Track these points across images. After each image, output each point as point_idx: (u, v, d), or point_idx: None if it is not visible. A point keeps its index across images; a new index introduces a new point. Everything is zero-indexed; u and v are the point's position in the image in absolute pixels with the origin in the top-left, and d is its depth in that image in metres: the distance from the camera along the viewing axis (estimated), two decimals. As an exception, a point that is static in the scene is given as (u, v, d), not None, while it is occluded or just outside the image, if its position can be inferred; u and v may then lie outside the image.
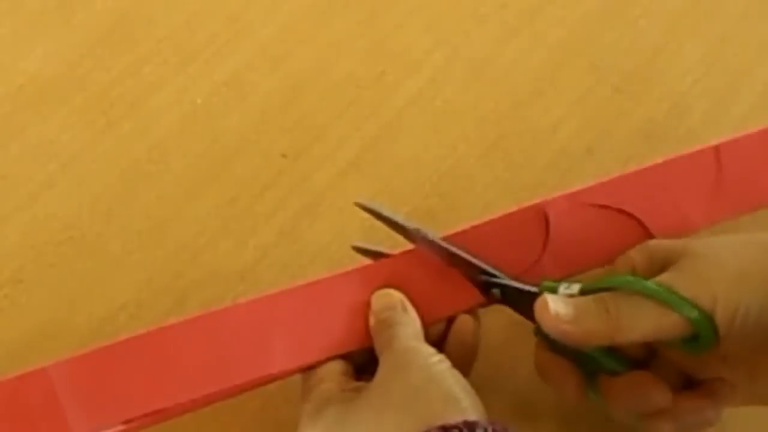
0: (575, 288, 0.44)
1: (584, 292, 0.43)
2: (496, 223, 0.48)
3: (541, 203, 0.48)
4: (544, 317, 0.43)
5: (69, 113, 0.58)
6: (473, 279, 0.46)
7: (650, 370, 0.44)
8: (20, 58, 0.60)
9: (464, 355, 0.46)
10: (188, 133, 0.58)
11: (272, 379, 0.45)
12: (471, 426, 0.37)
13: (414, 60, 0.61)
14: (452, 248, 0.46)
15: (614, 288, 0.43)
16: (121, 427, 0.43)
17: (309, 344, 0.45)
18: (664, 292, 0.41)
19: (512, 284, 0.46)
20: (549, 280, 0.45)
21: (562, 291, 0.44)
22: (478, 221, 0.48)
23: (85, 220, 0.55)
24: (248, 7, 0.63)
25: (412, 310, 0.45)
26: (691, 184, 0.50)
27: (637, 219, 0.48)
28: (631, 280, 0.43)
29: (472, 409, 0.39)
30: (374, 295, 0.46)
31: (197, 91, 0.59)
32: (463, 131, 0.59)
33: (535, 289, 0.45)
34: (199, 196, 0.56)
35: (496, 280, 0.46)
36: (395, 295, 0.46)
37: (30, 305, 0.52)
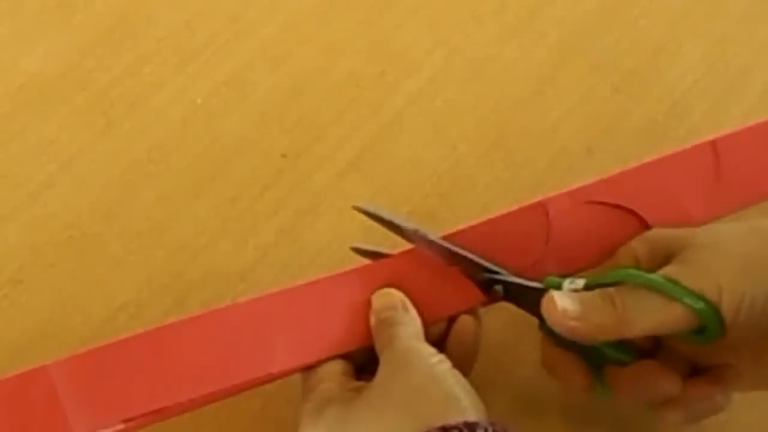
0: (580, 283, 0.44)
1: (589, 286, 0.43)
2: (496, 222, 0.48)
3: (542, 201, 0.48)
4: (551, 314, 0.43)
5: (69, 113, 0.58)
6: (475, 277, 0.46)
7: (657, 360, 0.44)
8: (20, 58, 0.60)
9: (465, 355, 0.46)
10: (188, 133, 0.58)
11: (272, 378, 0.45)
12: (471, 427, 0.37)
13: (414, 60, 0.61)
14: (453, 247, 0.46)
15: (619, 282, 0.43)
16: (121, 426, 0.43)
17: (309, 344, 0.45)
18: (669, 285, 0.41)
19: (515, 281, 0.46)
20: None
21: (567, 286, 0.44)
22: (478, 220, 0.48)
23: (85, 220, 0.55)
24: (248, 7, 0.63)
25: (412, 310, 0.45)
26: (690, 179, 0.50)
27: (637, 215, 0.48)
28: (636, 274, 0.43)
29: (472, 409, 0.39)
30: (375, 295, 0.46)
31: (197, 91, 0.59)
32: (463, 131, 0.59)
33: (539, 285, 0.45)
34: (199, 196, 0.56)
35: (499, 277, 0.46)
36: (396, 294, 0.46)
37: (30, 305, 0.52)
